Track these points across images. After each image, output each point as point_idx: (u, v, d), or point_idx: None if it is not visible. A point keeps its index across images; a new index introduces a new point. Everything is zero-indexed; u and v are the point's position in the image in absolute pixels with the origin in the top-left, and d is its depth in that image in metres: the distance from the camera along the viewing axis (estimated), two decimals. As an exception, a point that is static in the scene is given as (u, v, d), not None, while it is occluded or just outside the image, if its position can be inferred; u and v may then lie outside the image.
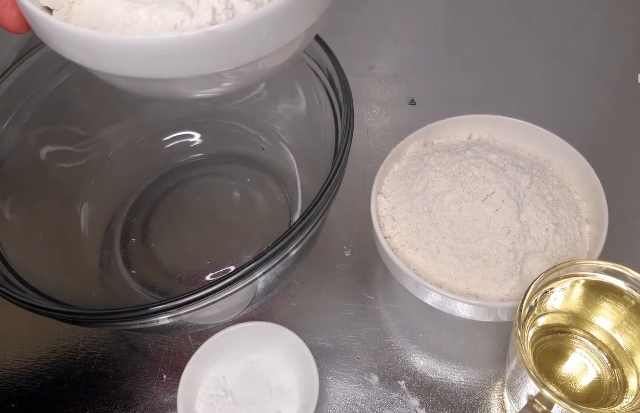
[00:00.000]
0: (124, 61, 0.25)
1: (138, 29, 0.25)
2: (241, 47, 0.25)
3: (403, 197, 0.43)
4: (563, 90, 0.60)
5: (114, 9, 0.26)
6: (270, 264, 0.33)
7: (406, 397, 0.40)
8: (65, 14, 0.27)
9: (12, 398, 0.41)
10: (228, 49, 0.25)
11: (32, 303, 0.33)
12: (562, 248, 0.39)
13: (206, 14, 0.25)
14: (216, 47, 0.24)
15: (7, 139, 0.43)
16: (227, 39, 0.24)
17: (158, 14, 0.25)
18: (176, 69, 0.25)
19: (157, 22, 0.25)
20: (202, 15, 0.25)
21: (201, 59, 0.25)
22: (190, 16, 0.25)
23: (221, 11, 0.25)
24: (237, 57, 0.26)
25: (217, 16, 0.25)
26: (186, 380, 0.38)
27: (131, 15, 0.25)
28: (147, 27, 0.25)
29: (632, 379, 0.34)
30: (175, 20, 0.25)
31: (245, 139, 0.54)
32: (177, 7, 0.25)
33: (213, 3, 0.25)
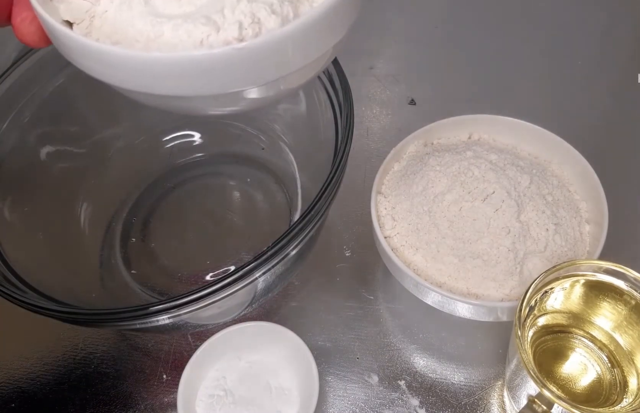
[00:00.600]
0: (146, 78, 0.24)
1: (162, 45, 0.24)
2: (269, 63, 0.24)
3: (403, 197, 0.43)
4: (563, 90, 0.60)
5: (137, 24, 0.25)
6: (270, 264, 0.33)
7: (406, 397, 0.40)
8: (86, 28, 0.26)
9: (12, 398, 0.41)
10: (256, 66, 0.24)
11: (32, 303, 0.33)
12: (562, 248, 0.39)
13: (233, 29, 0.24)
14: (244, 63, 0.24)
15: (7, 139, 0.43)
16: (256, 56, 0.23)
17: (183, 29, 0.24)
18: (201, 87, 0.24)
19: (182, 37, 0.24)
20: (229, 30, 0.24)
21: (228, 76, 0.24)
22: (217, 31, 0.24)
23: (248, 26, 0.24)
24: (265, 73, 0.25)
25: (243, 31, 0.24)
26: (186, 380, 0.38)
27: (155, 30, 0.24)
28: (171, 42, 0.24)
29: (632, 379, 0.34)
30: (201, 36, 0.24)
31: (245, 139, 0.54)
32: (203, 22, 0.24)
33: (239, 17, 0.24)
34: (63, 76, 0.46)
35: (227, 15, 0.25)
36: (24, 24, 0.26)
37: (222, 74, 0.24)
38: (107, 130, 0.51)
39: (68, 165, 0.49)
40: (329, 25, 0.26)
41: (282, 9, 0.25)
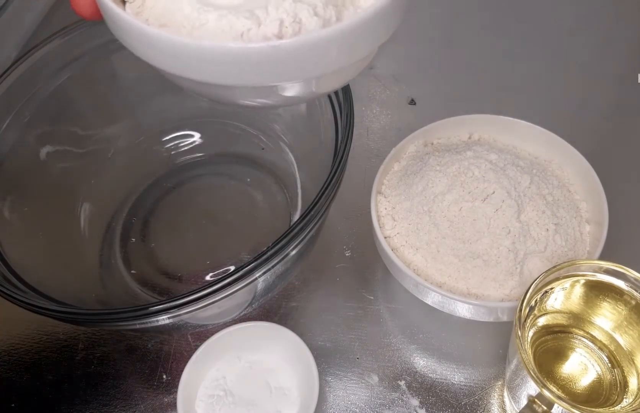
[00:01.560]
0: (184, 62, 0.25)
1: (205, 32, 0.25)
2: (303, 63, 0.25)
3: (403, 197, 0.43)
4: (563, 90, 0.60)
5: (185, 8, 0.26)
6: (270, 264, 0.33)
7: (406, 397, 0.40)
8: (138, 7, 0.27)
9: (12, 398, 0.41)
10: (290, 64, 0.25)
11: (32, 303, 0.33)
12: (562, 248, 0.39)
13: (273, 26, 0.25)
14: (278, 60, 0.24)
15: (7, 139, 0.43)
16: (290, 55, 0.24)
17: (226, 20, 0.25)
18: (235, 77, 0.25)
19: (225, 27, 0.25)
20: (269, 26, 0.25)
21: (262, 70, 0.25)
22: (258, 25, 0.25)
23: (288, 24, 0.25)
24: (299, 72, 0.26)
25: (283, 29, 0.25)
26: (186, 380, 0.38)
27: (200, 18, 0.25)
28: (214, 31, 0.25)
29: (632, 379, 0.34)
30: (242, 28, 0.25)
31: (245, 139, 0.53)
32: (246, 15, 0.25)
33: (281, 15, 0.25)
34: (63, 76, 0.46)
35: (270, 11, 0.25)
36: None
37: (255, 68, 0.24)
38: (107, 130, 0.51)
39: (68, 165, 0.49)
40: (366, 33, 0.26)
41: (325, 12, 0.26)
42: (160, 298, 0.45)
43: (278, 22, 0.25)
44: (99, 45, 0.47)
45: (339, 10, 0.27)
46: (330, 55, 0.25)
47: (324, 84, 0.29)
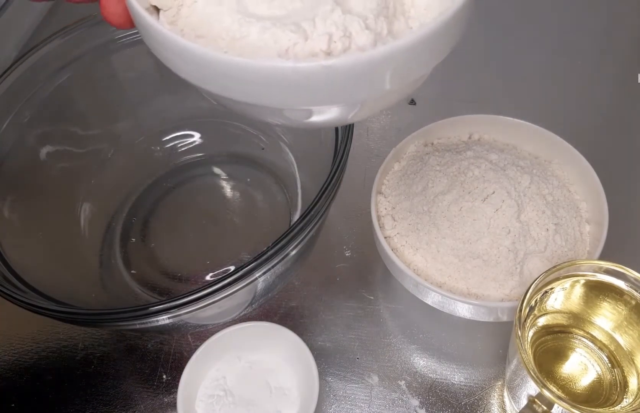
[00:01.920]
0: (219, 79, 0.22)
1: (246, 45, 0.23)
2: (352, 84, 0.22)
3: (403, 197, 0.43)
4: (563, 90, 0.60)
5: (224, 20, 0.24)
6: (270, 264, 0.33)
7: (406, 397, 0.40)
8: (172, 16, 0.25)
9: (12, 398, 0.41)
10: (338, 85, 0.22)
11: (32, 303, 0.33)
12: (562, 248, 0.39)
13: (322, 41, 0.22)
14: (329, 81, 0.22)
15: (7, 139, 0.43)
16: (344, 74, 0.22)
17: (270, 33, 0.23)
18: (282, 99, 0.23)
19: (268, 41, 0.23)
20: (317, 40, 0.22)
21: (309, 91, 0.22)
22: (304, 40, 0.23)
23: (338, 39, 0.23)
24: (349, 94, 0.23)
25: (332, 44, 0.23)
26: (186, 380, 0.38)
27: (242, 30, 0.23)
28: (256, 44, 0.23)
29: (632, 379, 0.34)
30: (288, 43, 0.22)
31: (245, 139, 0.53)
32: (292, 28, 0.23)
33: (330, 28, 0.23)
34: (63, 76, 0.46)
35: (317, 24, 0.23)
36: (110, 3, 0.26)
37: (302, 89, 0.22)
38: (107, 130, 0.51)
39: (68, 165, 0.49)
40: (425, 51, 0.23)
41: (377, 24, 0.24)
42: (160, 298, 0.45)
43: (327, 37, 0.23)
44: (99, 45, 0.47)
45: (390, 22, 0.25)
46: (388, 75, 0.23)
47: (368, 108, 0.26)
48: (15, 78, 0.43)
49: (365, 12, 0.24)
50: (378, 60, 0.22)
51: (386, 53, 0.21)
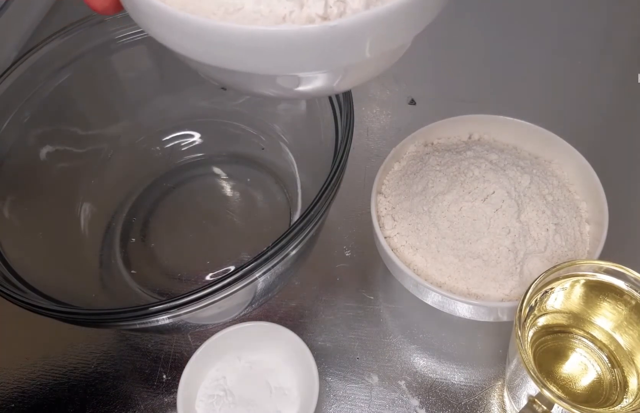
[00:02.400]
0: (221, 51, 0.22)
1: (241, 18, 0.22)
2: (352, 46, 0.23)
3: (403, 197, 0.43)
4: (563, 90, 0.60)
5: None
6: (270, 264, 0.33)
7: (406, 397, 0.40)
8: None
9: (12, 398, 0.41)
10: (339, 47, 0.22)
11: (32, 303, 0.33)
12: (562, 248, 0.39)
13: (318, 6, 0.22)
14: (331, 44, 0.22)
15: (7, 139, 0.43)
16: (344, 36, 0.22)
17: (265, 2, 0.22)
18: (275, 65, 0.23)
19: (264, 11, 0.22)
20: (313, 6, 0.22)
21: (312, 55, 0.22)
22: (300, 7, 0.23)
23: (333, 4, 0.23)
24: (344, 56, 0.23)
25: (328, 9, 0.23)
26: (186, 380, 0.38)
27: (235, 2, 0.23)
28: (251, 16, 0.22)
29: (632, 379, 0.34)
30: (284, 11, 0.22)
31: (245, 139, 0.53)
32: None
33: None
34: (63, 76, 0.46)
35: None
36: None
37: (307, 53, 0.22)
38: (107, 130, 0.51)
39: (68, 165, 0.49)
40: (413, 12, 0.25)
41: None
42: (160, 298, 0.45)
43: (323, 2, 0.22)
44: (99, 45, 0.47)
45: None
46: (388, 33, 0.23)
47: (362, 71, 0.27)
48: (15, 78, 0.43)
49: None
50: (377, 19, 0.22)
51: (380, 12, 0.22)
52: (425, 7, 0.25)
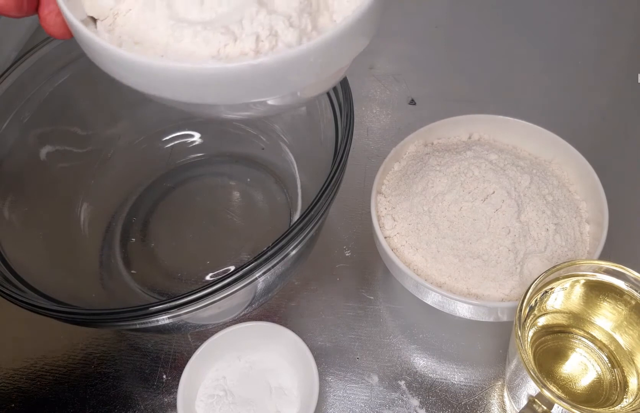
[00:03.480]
0: (159, 84, 0.24)
1: (180, 51, 0.25)
2: (282, 80, 0.25)
3: (403, 197, 0.43)
4: (563, 90, 0.60)
5: (159, 26, 0.25)
6: (270, 264, 0.33)
7: (406, 397, 0.40)
8: (109, 25, 0.27)
9: (12, 398, 0.41)
10: (268, 81, 0.24)
11: (32, 303, 0.33)
12: (562, 248, 0.39)
13: (250, 41, 0.24)
14: (256, 78, 0.24)
15: (7, 139, 0.43)
16: (268, 72, 0.24)
17: (202, 36, 0.24)
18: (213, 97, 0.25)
19: (200, 44, 0.24)
20: (246, 41, 0.24)
21: (239, 88, 0.24)
22: (234, 41, 0.24)
23: (265, 38, 0.25)
24: (277, 88, 0.25)
25: (260, 43, 0.25)
26: (186, 380, 0.38)
27: (175, 35, 0.25)
28: (189, 49, 0.25)
29: (632, 379, 0.34)
30: (219, 45, 0.24)
31: (245, 139, 0.53)
32: (222, 31, 0.25)
33: (257, 29, 0.25)
34: (63, 76, 0.46)
35: (245, 26, 0.25)
36: (50, 16, 0.27)
37: (232, 86, 0.24)
38: (107, 130, 0.51)
39: (68, 165, 0.49)
40: (346, 42, 0.26)
41: (301, 21, 0.26)
42: (160, 298, 0.45)
43: (254, 37, 0.25)
44: (99, 45, 0.47)
45: (314, 18, 0.27)
46: (308, 69, 0.25)
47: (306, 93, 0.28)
48: (15, 78, 0.43)
49: (289, 11, 0.26)
50: (302, 55, 0.24)
51: (310, 48, 0.24)
52: (347, 46, 0.26)
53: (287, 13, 0.25)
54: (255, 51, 0.24)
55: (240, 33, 0.25)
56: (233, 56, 0.24)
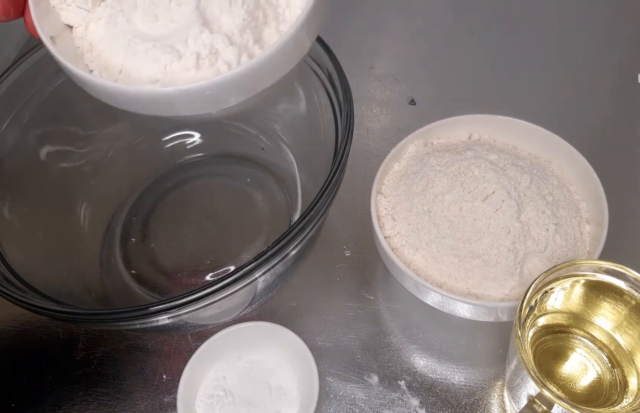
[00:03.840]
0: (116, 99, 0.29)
1: (135, 63, 0.29)
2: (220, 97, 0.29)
3: (403, 197, 0.43)
4: (563, 90, 0.60)
5: (119, 39, 0.30)
6: (270, 264, 0.33)
7: (406, 397, 0.40)
8: (82, 31, 0.31)
9: (12, 398, 0.41)
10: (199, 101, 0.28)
11: (32, 303, 0.33)
12: (562, 248, 0.39)
13: (191, 59, 0.28)
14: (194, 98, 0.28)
15: (7, 139, 0.43)
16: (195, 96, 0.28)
17: (151, 54, 0.29)
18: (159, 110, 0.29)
19: (150, 60, 0.29)
20: (189, 59, 0.28)
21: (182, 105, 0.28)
22: (178, 59, 0.28)
23: (205, 56, 0.28)
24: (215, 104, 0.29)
25: (200, 61, 0.28)
26: (186, 380, 0.38)
27: (131, 49, 0.29)
28: (141, 63, 0.29)
29: (632, 379, 0.34)
30: (165, 62, 0.28)
31: (245, 139, 0.54)
32: (168, 50, 0.29)
33: (199, 48, 0.28)
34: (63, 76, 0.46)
35: (189, 44, 0.29)
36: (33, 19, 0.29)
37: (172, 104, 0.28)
38: (107, 130, 0.51)
39: (68, 165, 0.49)
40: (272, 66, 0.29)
41: (242, 38, 0.29)
42: (160, 298, 0.45)
43: (195, 56, 0.28)
44: (99, 45, 0.47)
45: (259, 31, 0.30)
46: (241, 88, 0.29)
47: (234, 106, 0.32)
48: (15, 78, 0.43)
49: (233, 28, 0.29)
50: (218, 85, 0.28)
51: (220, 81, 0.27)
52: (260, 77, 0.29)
53: (231, 30, 0.29)
54: (196, 68, 0.29)
55: (185, 51, 0.29)
56: (177, 73, 0.29)
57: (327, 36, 0.42)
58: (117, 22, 0.30)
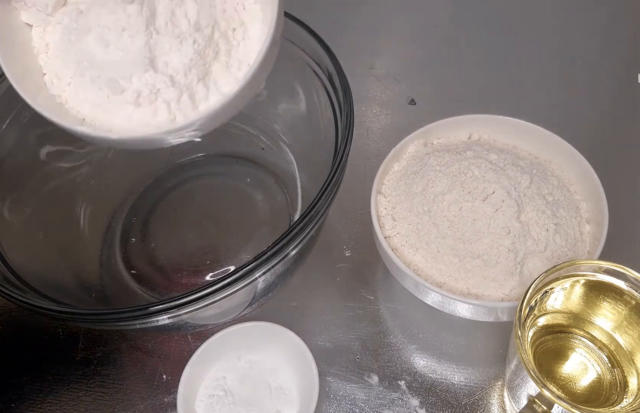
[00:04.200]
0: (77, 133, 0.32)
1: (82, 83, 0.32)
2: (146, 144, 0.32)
3: (403, 197, 0.43)
4: (563, 90, 0.60)
5: (71, 58, 0.32)
6: (270, 264, 0.33)
7: (406, 397, 0.40)
8: (42, 30, 0.33)
9: (12, 399, 0.41)
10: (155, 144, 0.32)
11: (32, 303, 0.33)
12: (562, 248, 0.39)
13: (132, 96, 0.31)
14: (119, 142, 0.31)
15: (7, 139, 0.43)
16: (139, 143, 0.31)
17: (97, 84, 0.31)
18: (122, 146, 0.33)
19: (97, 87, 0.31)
20: (129, 96, 0.31)
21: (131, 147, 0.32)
22: (121, 93, 0.31)
23: (145, 96, 0.31)
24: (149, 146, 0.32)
25: (140, 98, 0.31)
26: (186, 380, 0.38)
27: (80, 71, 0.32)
28: (89, 87, 0.31)
29: (632, 379, 0.34)
30: (108, 92, 0.31)
31: (245, 139, 0.53)
32: (112, 83, 0.31)
33: (140, 87, 0.30)
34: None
35: (133, 81, 0.31)
36: None
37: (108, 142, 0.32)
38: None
39: (68, 165, 0.49)
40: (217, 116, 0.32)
41: (187, 78, 0.31)
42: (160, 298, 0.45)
43: (136, 94, 0.30)
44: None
45: (206, 69, 0.32)
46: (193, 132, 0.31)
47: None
48: (15, 78, 0.43)
49: (178, 66, 0.31)
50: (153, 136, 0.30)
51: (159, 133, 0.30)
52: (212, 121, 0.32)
53: (176, 70, 0.31)
54: (136, 104, 0.31)
55: (128, 87, 0.31)
56: (117, 104, 0.31)
57: (327, 36, 0.42)
58: (71, 39, 0.31)
